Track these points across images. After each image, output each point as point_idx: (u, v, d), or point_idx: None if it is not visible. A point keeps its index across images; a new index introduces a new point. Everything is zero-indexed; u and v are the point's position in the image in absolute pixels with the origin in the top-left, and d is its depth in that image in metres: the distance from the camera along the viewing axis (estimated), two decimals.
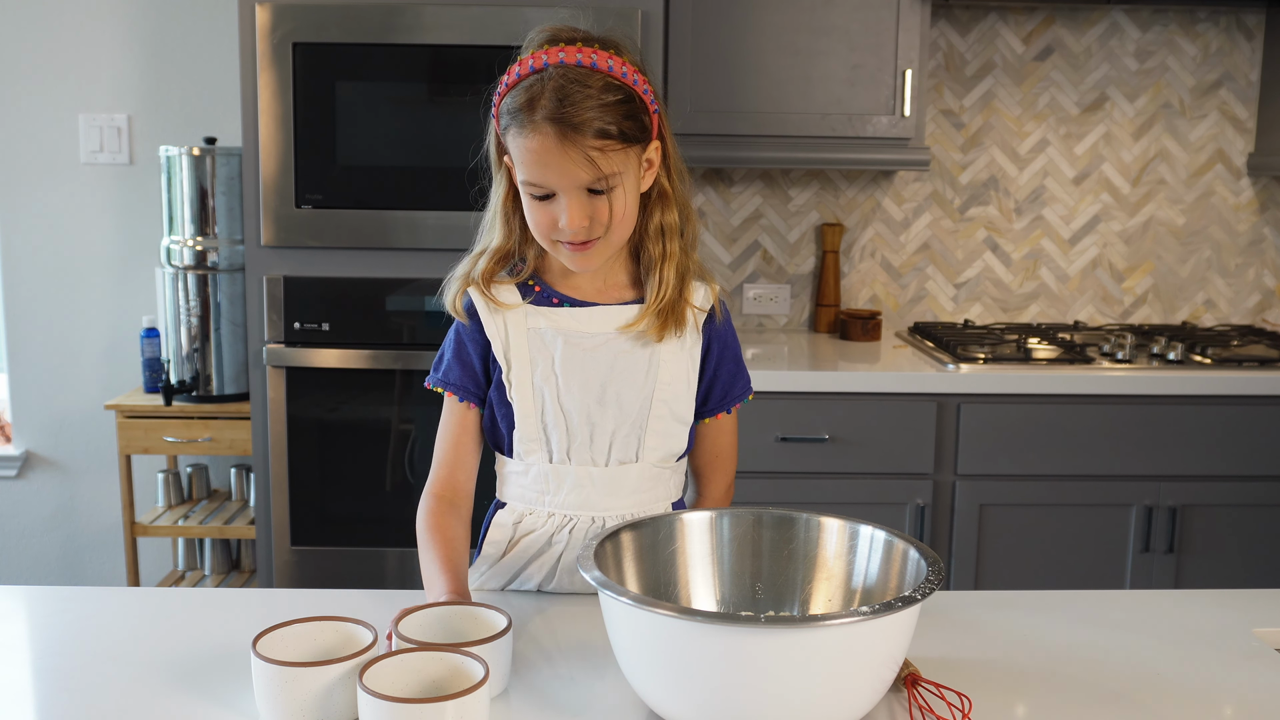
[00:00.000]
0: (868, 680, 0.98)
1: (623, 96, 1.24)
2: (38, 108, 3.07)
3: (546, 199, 1.25)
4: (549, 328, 1.34)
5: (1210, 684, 1.13)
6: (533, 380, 1.33)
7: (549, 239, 1.28)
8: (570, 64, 1.23)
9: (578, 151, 1.21)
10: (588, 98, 1.22)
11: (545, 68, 1.23)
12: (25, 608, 1.31)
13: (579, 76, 1.22)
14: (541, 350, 1.33)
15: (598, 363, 1.33)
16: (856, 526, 1.16)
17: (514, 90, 1.25)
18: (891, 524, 1.56)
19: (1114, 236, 3.12)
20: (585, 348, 1.33)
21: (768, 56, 2.73)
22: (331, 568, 2.64)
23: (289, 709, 0.99)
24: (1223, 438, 2.56)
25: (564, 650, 1.20)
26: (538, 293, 1.36)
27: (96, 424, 3.17)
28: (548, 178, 1.23)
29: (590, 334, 1.34)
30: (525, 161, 1.24)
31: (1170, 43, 3.05)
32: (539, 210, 1.27)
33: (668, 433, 1.36)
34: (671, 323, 1.33)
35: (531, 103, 1.22)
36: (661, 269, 1.34)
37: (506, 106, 1.25)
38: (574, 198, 1.24)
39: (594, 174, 1.23)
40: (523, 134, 1.23)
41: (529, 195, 1.27)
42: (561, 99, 1.21)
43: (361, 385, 2.59)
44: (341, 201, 2.53)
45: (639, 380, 1.34)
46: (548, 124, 1.21)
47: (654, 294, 1.33)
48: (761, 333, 3.12)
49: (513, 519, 1.37)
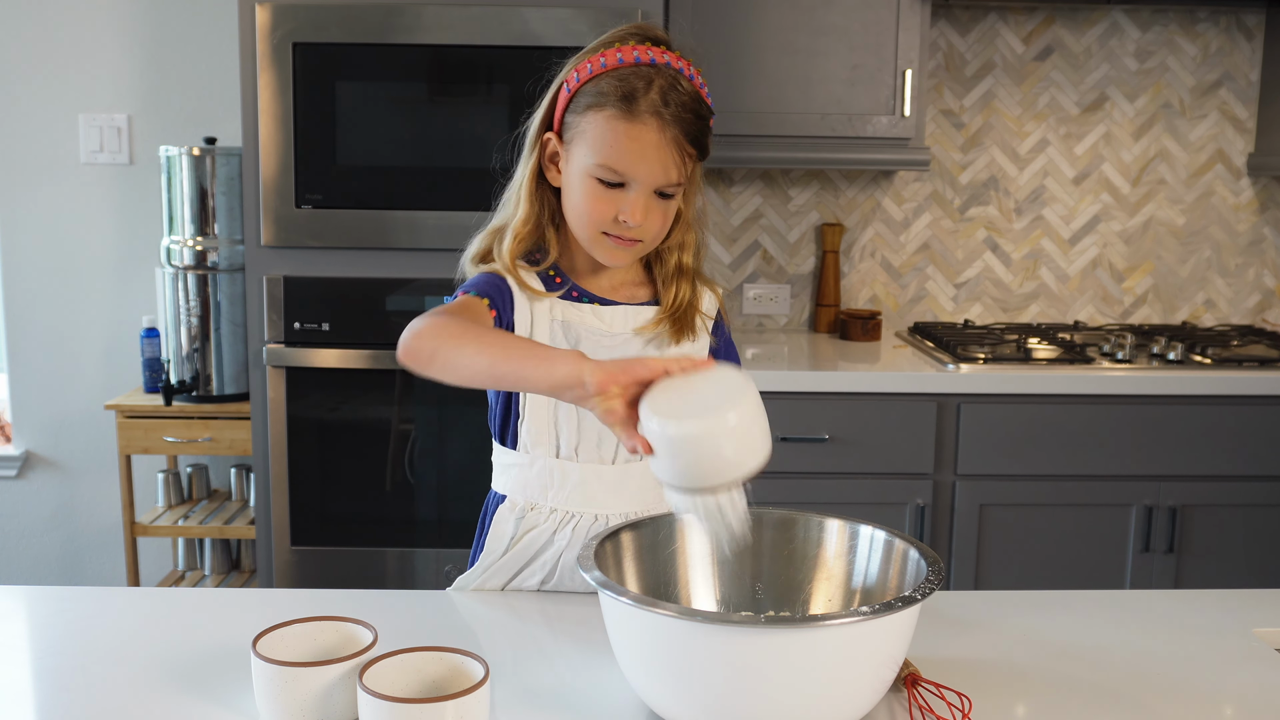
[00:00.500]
0: (868, 680, 0.98)
1: (709, 115, 1.29)
2: (38, 108, 3.07)
3: (614, 188, 1.26)
4: (572, 321, 1.34)
5: (1210, 684, 1.13)
6: None
7: (597, 230, 1.28)
8: (675, 69, 1.26)
9: (674, 151, 1.25)
10: (690, 105, 1.26)
11: (652, 63, 1.25)
12: (25, 608, 1.31)
13: (690, 89, 1.26)
14: (562, 343, 1.33)
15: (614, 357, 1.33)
16: (856, 526, 1.17)
17: (612, 74, 1.25)
18: (891, 524, 1.56)
19: (1114, 236, 3.12)
20: (605, 346, 1.34)
21: (768, 56, 2.73)
22: (331, 568, 2.64)
23: (289, 709, 0.99)
24: (1223, 438, 2.56)
25: (564, 650, 1.20)
26: (557, 283, 1.36)
27: (96, 424, 3.17)
28: (634, 167, 1.24)
29: (611, 333, 1.35)
30: (614, 145, 1.24)
31: (1170, 43, 3.05)
32: (600, 199, 1.27)
33: None
34: (687, 329, 1.37)
35: (635, 92, 1.23)
36: (678, 280, 1.37)
37: (600, 88, 1.25)
38: (644, 193, 1.26)
39: (677, 177, 1.26)
40: (622, 120, 1.23)
41: (595, 180, 1.26)
42: (678, 101, 1.24)
43: (361, 385, 2.59)
44: (341, 201, 2.54)
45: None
46: (653, 117, 1.23)
47: (670, 301, 1.36)
48: (761, 333, 3.12)
49: (515, 514, 1.37)
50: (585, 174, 1.27)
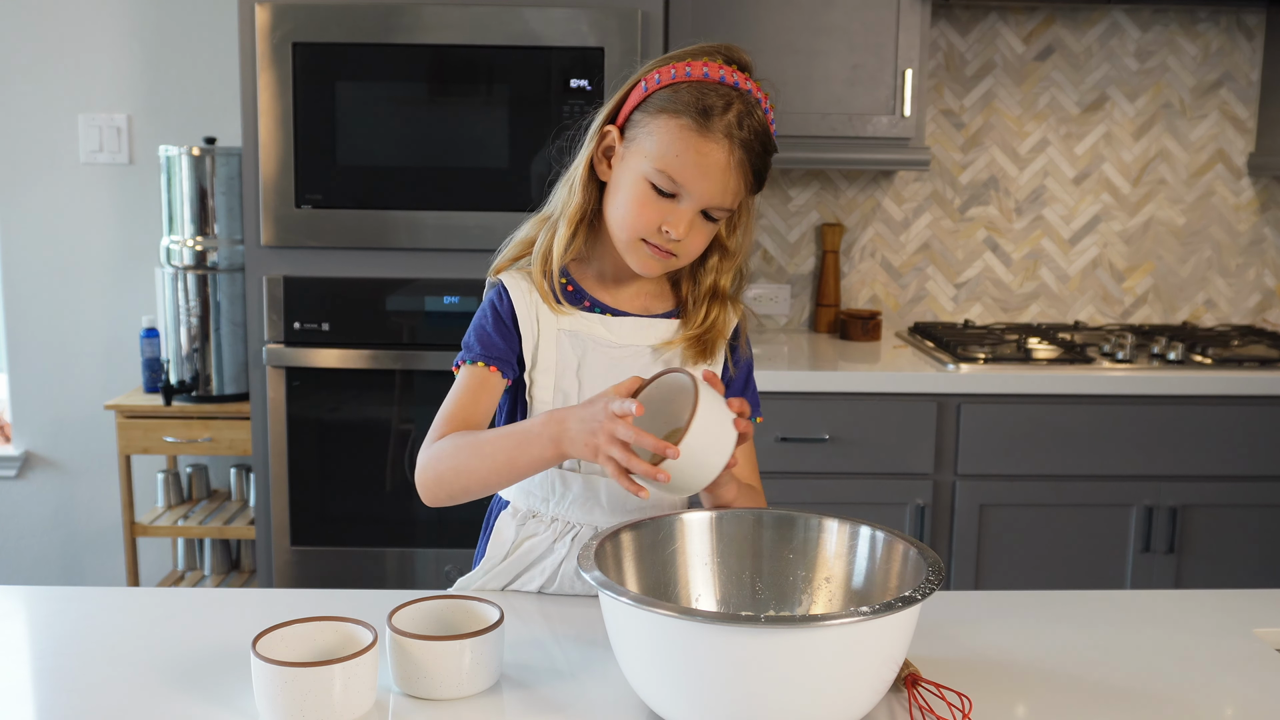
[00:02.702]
0: (868, 680, 0.98)
1: (772, 149, 1.29)
2: (38, 108, 3.07)
3: (666, 197, 1.25)
4: (579, 332, 1.32)
5: (1210, 684, 1.13)
6: (555, 383, 1.32)
7: (636, 235, 1.27)
8: (754, 98, 1.27)
9: (735, 177, 1.24)
10: (760, 137, 1.26)
11: (735, 86, 1.25)
12: (25, 608, 1.31)
13: (758, 114, 1.27)
14: (568, 354, 1.32)
15: (620, 373, 1.31)
16: (856, 526, 1.16)
17: (693, 85, 1.24)
18: (891, 524, 1.56)
19: (1114, 236, 3.12)
20: (612, 358, 1.32)
21: (768, 56, 2.73)
22: (331, 568, 2.64)
23: (289, 709, 0.99)
24: (1223, 438, 2.56)
25: (564, 650, 1.20)
26: (570, 293, 1.34)
27: (96, 424, 3.17)
28: (695, 182, 1.23)
29: (619, 345, 1.33)
30: (680, 155, 1.23)
31: (1170, 43, 3.05)
32: (649, 204, 1.25)
33: None
34: (708, 352, 1.35)
35: (712, 109, 1.23)
36: (709, 304, 1.35)
37: (678, 95, 1.24)
38: (694, 209, 1.25)
39: (731, 202, 1.26)
40: (694, 132, 1.22)
41: (649, 185, 1.25)
42: (749, 127, 1.25)
43: (361, 385, 2.59)
44: (341, 201, 2.54)
45: None
46: (725, 137, 1.23)
47: (698, 321, 1.35)
48: (761, 333, 3.12)
49: (516, 521, 1.37)
50: (641, 177, 1.25)
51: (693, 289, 1.36)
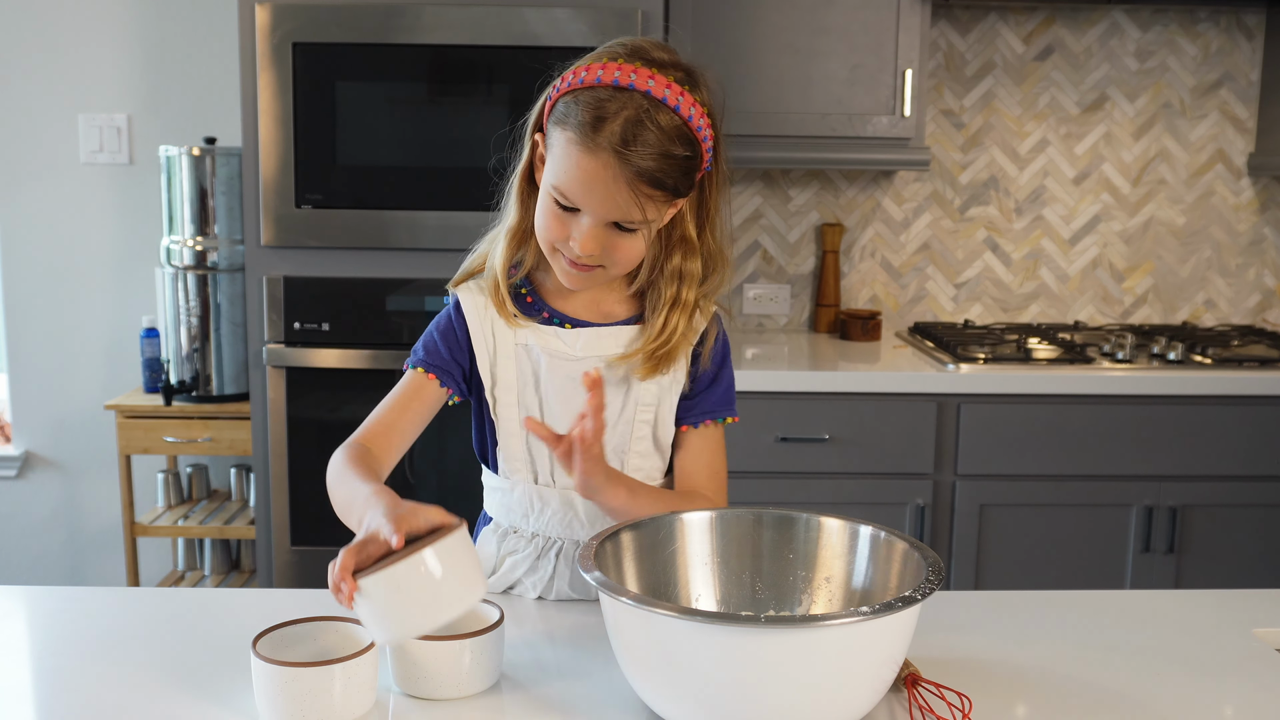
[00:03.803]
0: (868, 680, 0.98)
1: (690, 152, 1.17)
2: (38, 108, 3.07)
3: (568, 210, 1.19)
4: (536, 345, 1.29)
5: (1210, 684, 1.13)
6: (518, 399, 1.30)
7: (550, 246, 1.23)
8: (657, 98, 1.15)
9: (627, 193, 1.15)
10: (658, 143, 1.14)
11: (629, 88, 1.15)
12: (25, 608, 1.31)
13: (661, 123, 1.15)
14: (527, 368, 1.30)
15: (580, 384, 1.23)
16: (856, 526, 1.16)
17: (587, 91, 1.16)
18: (891, 524, 1.56)
19: (1114, 236, 3.12)
20: (569, 370, 1.28)
21: (768, 56, 2.73)
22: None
23: (289, 709, 0.99)
24: (1223, 438, 2.56)
25: (564, 650, 1.20)
26: (529, 304, 1.31)
27: (96, 424, 3.17)
28: (583, 199, 1.17)
29: (575, 358, 1.29)
30: (567, 173, 1.16)
31: (1170, 43, 3.05)
32: (555, 218, 1.20)
33: (649, 454, 1.33)
34: (664, 364, 1.28)
35: (600, 121, 1.14)
36: (669, 313, 1.27)
37: (570, 106, 1.17)
38: (596, 225, 1.18)
39: (637, 216, 1.17)
40: (577, 146, 1.15)
41: (551, 199, 1.19)
42: (632, 137, 1.13)
43: (361, 385, 2.59)
44: (341, 201, 2.54)
45: (619, 403, 1.30)
46: (611, 154, 1.14)
47: (654, 336, 1.27)
48: (761, 333, 3.12)
49: (497, 537, 1.36)
50: (549, 188, 1.20)
51: (653, 296, 1.29)
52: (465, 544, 0.99)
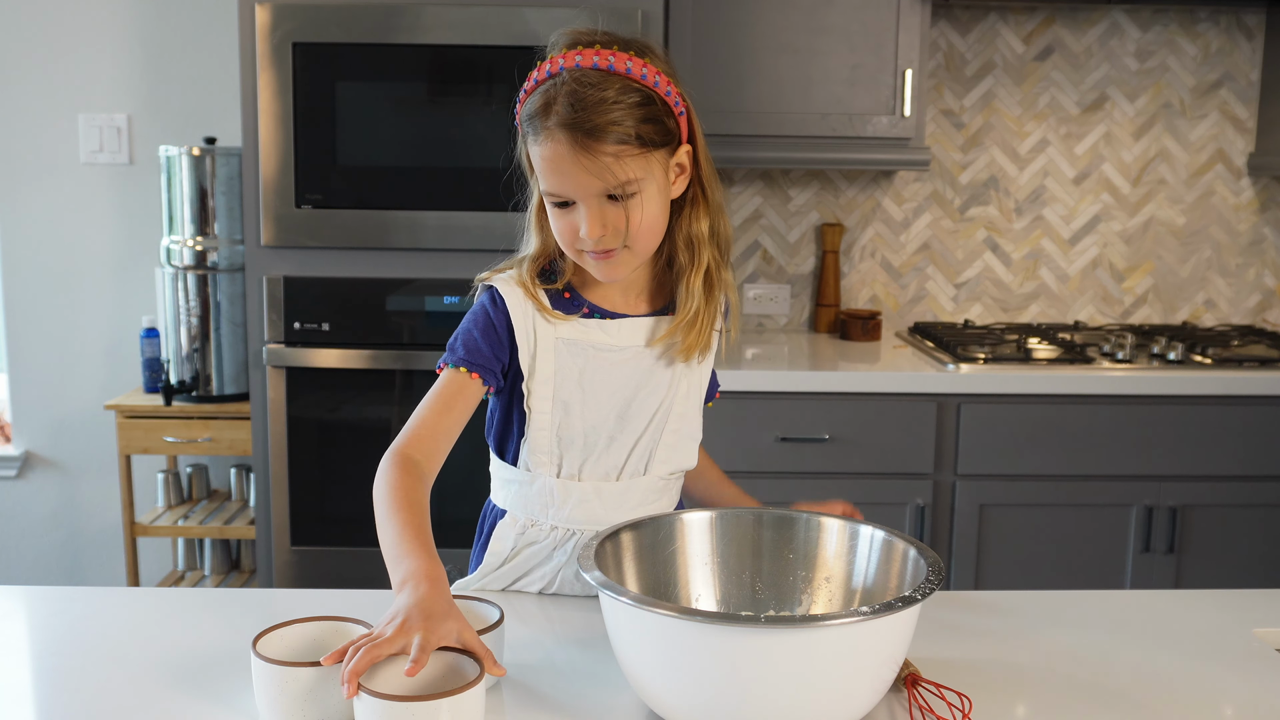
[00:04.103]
0: (868, 680, 0.98)
1: (641, 99, 1.19)
2: (38, 108, 3.07)
3: (566, 207, 1.22)
4: (577, 339, 1.30)
5: (1210, 684, 1.13)
6: (554, 394, 1.30)
7: (573, 249, 1.25)
8: (586, 67, 1.19)
9: (591, 159, 1.17)
10: (602, 102, 1.17)
11: (561, 71, 1.20)
12: (25, 608, 1.31)
13: (594, 80, 1.18)
14: (568, 363, 1.30)
15: (623, 378, 1.31)
16: (856, 526, 1.16)
17: (531, 96, 1.23)
18: (891, 524, 1.56)
19: (1114, 236, 3.12)
20: (611, 362, 1.31)
21: (768, 56, 2.73)
22: (331, 568, 2.64)
23: (288, 709, 0.99)
24: (1223, 438, 2.56)
25: (564, 650, 1.20)
26: (567, 300, 1.32)
27: (96, 424, 3.17)
28: (564, 186, 1.20)
29: (618, 348, 1.31)
30: (542, 170, 1.21)
31: (1170, 43, 3.05)
32: (560, 219, 1.24)
33: (679, 447, 1.35)
34: (698, 344, 1.31)
35: (546, 108, 1.19)
36: (689, 279, 1.30)
37: (525, 113, 1.23)
38: (592, 206, 1.20)
39: (610, 181, 1.18)
40: (538, 141, 1.20)
41: (550, 204, 1.24)
42: (574, 104, 1.17)
43: (361, 385, 2.59)
44: (341, 201, 2.54)
45: (659, 395, 1.32)
46: (561, 130, 1.17)
47: (682, 306, 1.30)
48: (761, 333, 3.12)
49: (515, 530, 1.36)
50: (545, 199, 1.25)
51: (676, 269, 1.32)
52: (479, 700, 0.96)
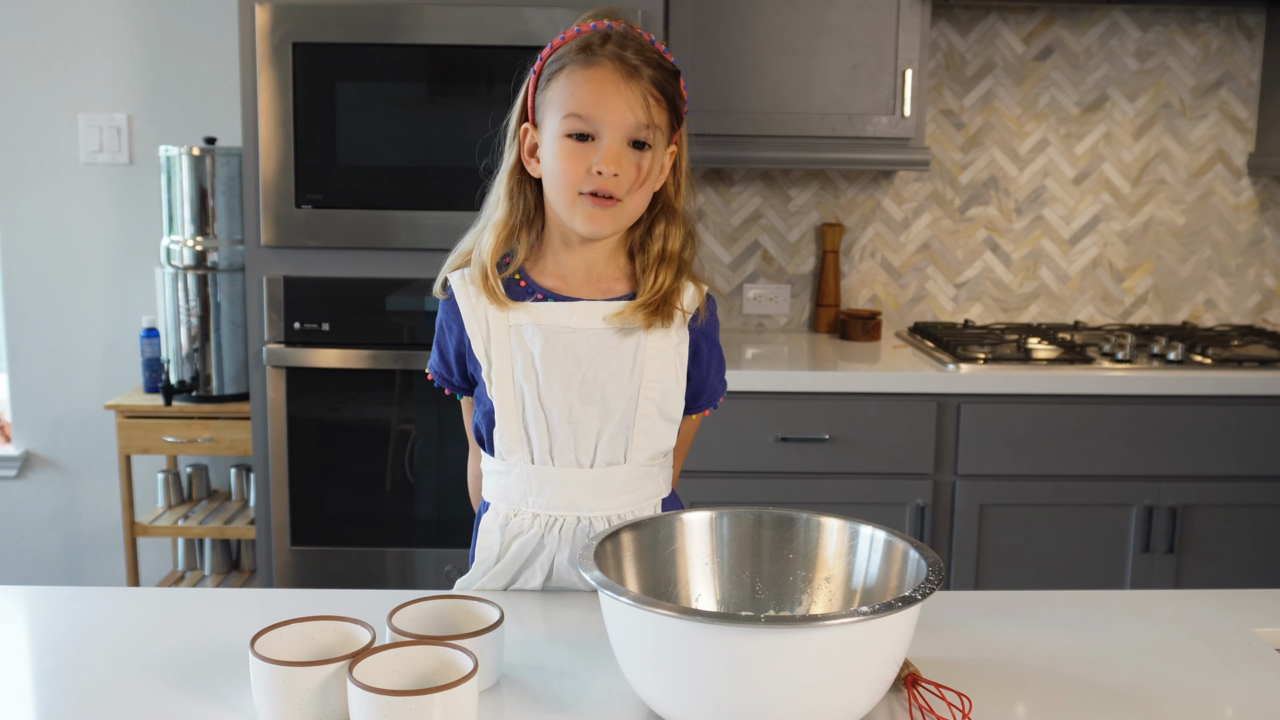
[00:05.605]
0: (868, 680, 0.98)
1: (676, 70, 1.30)
2: (38, 108, 3.07)
3: (586, 140, 1.26)
4: (530, 323, 1.32)
5: (1210, 684, 1.13)
6: (513, 377, 1.32)
7: (574, 191, 1.27)
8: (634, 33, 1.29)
9: (637, 89, 1.25)
10: (649, 51, 1.28)
11: (608, 28, 1.28)
12: (25, 608, 1.31)
13: (638, 36, 1.29)
14: (522, 346, 1.32)
15: (579, 356, 1.31)
16: (856, 526, 1.16)
17: (570, 42, 1.29)
18: (891, 524, 1.56)
19: (1114, 236, 3.12)
20: (566, 342, 1.31)
21: (768, 56, 2.73)
22: (331, 568, 2.64)
23: (287, 708, 0.99)
24: (1223, 438, 2.56)
25: (564, 649, 1.20)
26: (522, 288, 1.34)
27: (96, 424, 3.17)
28: (598, 109, 1.25)
29: (572, 328, 1.31)
30: (577, 93, 1.26)
31: (1170, 43, 3.05)
32: (573, 155, 1.26)
33: (655, 431, 1.34)
34: (660, 316, 1.32)
35: (592, 44, 1.26)
36: (659, 267, 1.34)
37: (561, 52, 1.29)
38: (616, 140, 1.26)
39: (642, 118, 1.26)
40: (580, 69, 1.26)
41: (566, 139, 1.27)
42: (624, 46, 1.27)
43: (361, 385, 2.59)
44: (341, 201, 2.54)
45: (624, 376, 1.32)
46: (611, 60, 1.25)
47: (648, 287, 1.33)
48: (761, 333, 3.12)
49: (499, 522, 1.36)
50: (557, 137, 1.27)
51: (643, 258, 1.35)
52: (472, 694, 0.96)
